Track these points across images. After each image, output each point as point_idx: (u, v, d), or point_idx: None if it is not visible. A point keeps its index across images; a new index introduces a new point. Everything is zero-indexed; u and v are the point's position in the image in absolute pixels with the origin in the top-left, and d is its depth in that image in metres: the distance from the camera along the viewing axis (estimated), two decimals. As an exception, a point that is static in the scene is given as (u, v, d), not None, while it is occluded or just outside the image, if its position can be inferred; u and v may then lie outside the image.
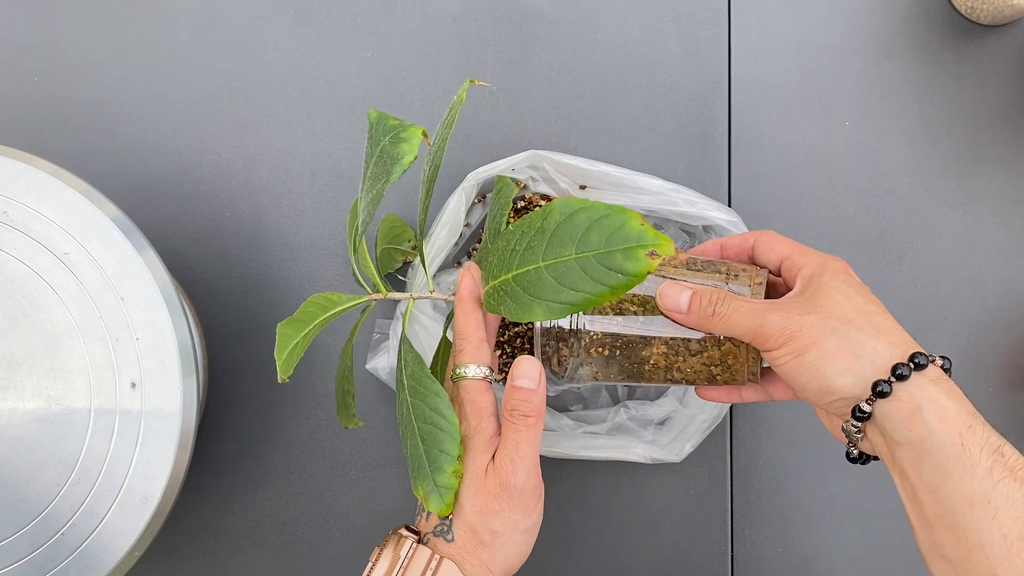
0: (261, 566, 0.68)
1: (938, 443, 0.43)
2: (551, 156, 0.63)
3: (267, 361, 0.69)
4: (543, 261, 0.47)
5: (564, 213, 0.47)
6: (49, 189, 0.55)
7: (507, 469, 0.48)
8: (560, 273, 0.47)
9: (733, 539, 0.68)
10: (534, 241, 0.48)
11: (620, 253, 0.45)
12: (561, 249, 0.47)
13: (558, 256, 0.47)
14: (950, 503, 0.42)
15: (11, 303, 0.54)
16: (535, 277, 0.47)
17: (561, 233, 0.47)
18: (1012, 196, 0.68)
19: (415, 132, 0.50)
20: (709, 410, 0.63)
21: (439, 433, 0.49)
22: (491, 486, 0.49)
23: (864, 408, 0.45)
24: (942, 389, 0.44)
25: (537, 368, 0.50)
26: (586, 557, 0.68)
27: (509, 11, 0.70)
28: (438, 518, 0.50)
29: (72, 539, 0.54)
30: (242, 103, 0.70)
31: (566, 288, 0.46)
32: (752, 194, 0.69)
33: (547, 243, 0.47)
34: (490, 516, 0.49)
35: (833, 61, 0.69)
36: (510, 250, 0.49)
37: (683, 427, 0.64)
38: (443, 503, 0.49)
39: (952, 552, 0.43)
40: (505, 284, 0.49)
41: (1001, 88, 0.69)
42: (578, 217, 0.46)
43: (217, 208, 0.69)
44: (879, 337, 0.46)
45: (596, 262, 0.46)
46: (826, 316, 0.46)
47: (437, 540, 0.49)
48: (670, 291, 0.50)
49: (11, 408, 0.54)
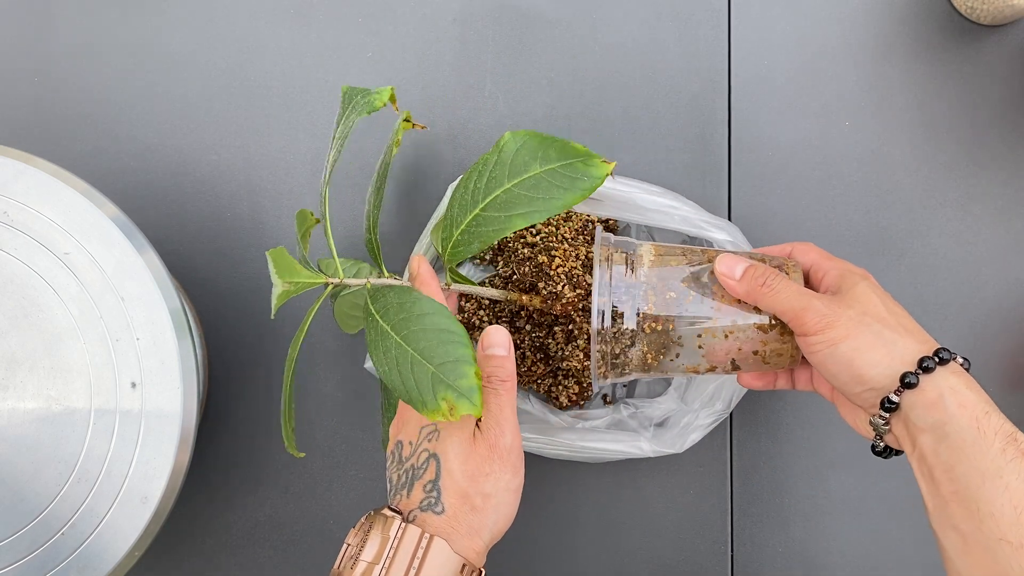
0: (261, 566, 0.68)
1: (956, 426, 0.46)
2: None
3: (267, 361, 0.69)
4: (509, 182, 0.53)
5: (517, 142, 0.54)
6: (49, 189, 0.55)
7: (495, 431, 0.51)
8: (530, 186, 0.53)
9: (733, 539, 0.68)
10: (495, 171, 0.54)
11: (580, 163, 0.53)
12: (525, 169, 0.53)
13: (523, 175, 0.53)
14: (964, 479, 0.45)
15: (11, 303, 0.55)
16: (506, 198, 0.53)
17: (520, 158, 0.53)
18: (1012, 196, 0.68)
19: (387, 89, 0.56)
20: (712, 407, 0.63)
21: (447, 345, 0.49)
22: (481, 449, 0.50)
23: (893, 399, 0.48)
24: (962, 380, 0.48)
25: (506, 335, 0.53)
26: (586, 557, 0.68)
27: (509, 11, 0.70)
28: (423, 492, 0.50)
29: (72, 539, 0.54)
30: (242, 103, 0.70)
31: (539, 197, 0.53)
32: (752, 194, 0.69)
33: (509, 168, 0.53)
34: (481, 479, 0.50)
35: (833, 61, 0.69)
36: (470, 191, 0.54)
37: (685, 424, 0.64)
38: (475, 404, 0.48)
39: (963, 523, 0.45)
40: (476, 219, 0.54)
41: (1001, 88, 0.69)
42: (532, 142, 0.54)
43: (217, 208, 0.69)
44: (908, 336, 0.50)
45: (562, 172, 0.53)
46: (862, 312, 0.50)
47: (425, 514, 0.49)
48: (728, 259, 0.54)
49: (11, 408, 0.54)
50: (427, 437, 0.52)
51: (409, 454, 0.52)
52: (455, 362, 0.49)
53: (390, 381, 0.51)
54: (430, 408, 0.49)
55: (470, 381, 0.49)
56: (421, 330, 0.50)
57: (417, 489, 0.50)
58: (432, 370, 0.49)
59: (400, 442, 0.53)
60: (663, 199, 0.63)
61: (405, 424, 0.53)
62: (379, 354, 0.52)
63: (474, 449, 0.51)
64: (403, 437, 0.53)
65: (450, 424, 0.51)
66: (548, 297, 0.60)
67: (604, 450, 0.63)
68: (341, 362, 0.69)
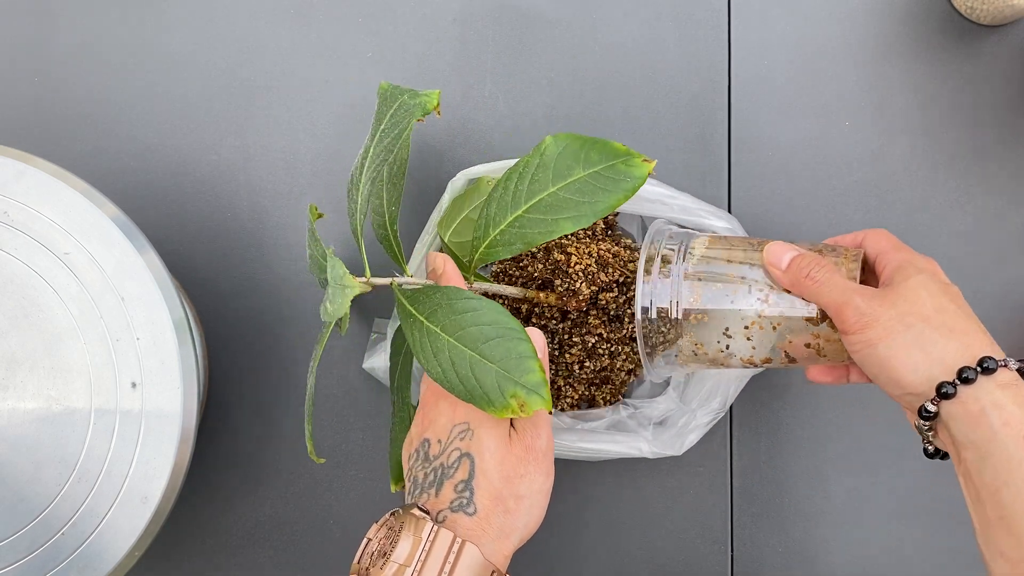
0: (261, 566, 0.68)
1: (1000, 446, 0.43)
2: None
3: (267, 361, 0.69)
4: (554, 186, 0.53)
5: (559, 145, 0.54)
6: (49, 189, 0.55)
7: (531, 433, 0.50)
8: (575, 190, 0.53)
9: (733, 539, 0.68)
10: (538, 174, 0.54)
11: (621, 163, 0.53)
12: (568, 172, 0.53)
13: (568, 178, 0.53)
14: (1010, 506, 0.43)
15: (11, 303, 0.55)
16: (551, 201, 0.53)
17: (563, 161, 0.53)
18: (1012, 196, 0.68)
19: (435, 93, 0.56)
20: (709, 405, 0.63)
21: (507, 341, 0.49)
22: (517, 450, 0.50)
23: (929, 408, 0.46)
24: (1009, 393, 0.44)
25: (542, 338, 0.52)
26: (586, 556, 0.68)
27: (509, 11, 0.70)
28: (453, 492, 0.49)
29: (72, 539, 0.54)
30: (242, 103, 0.70)
31: (585, 201, 0.53)
32: (752, 194, 0.69)
33: (553, 172, 0.53)
34: (516, 480, 0.49)
35: (833, 61, 0.69)
36: (511, 192, 0.54)
37: (684, 423, 0.64)
38: (545, 399, 0.48)
39: (1012, 552, 0.43)
40: (518, 220, 0.54)
41: (1001, 88, 0.68)
42: (573, 144, 0.54)
43: (217, 208, 0.69)
44: (952, 338, 0.46)
45: (605, 174, 0.53)
46: (904, 312, 0.47)
47: (456, 515, 0.48)
48: (776, 248, 0.53)
49: (11, 408, 0.54)
50: (459, 436, 0.50)
51: (438, 452, 0.51)
52: (519, 358, 0.49)
53: (445, 382, 0.50)
54: (498, 406, 0.48)
55: (537, 376, 0.48)
56: (476, 328, 0.49)
57: (447, 489, 0.49)
58: (496, 368, 0.49)
59: (427, 440, 0.52)
60: (660, 189, 0.63)
61: (433, 422, 0.52)
62: (427, 356, 0.51)
63: (510, 450, 0.50)
64: (430, 435, 0.52)
65: (485, 424, 0.50)
66: (564, 294, 0.61)
67: (603, 451, 0.63)
68: (340, 362, 0.69)
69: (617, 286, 0.63)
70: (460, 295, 0.51)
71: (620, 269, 0.63)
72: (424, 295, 0.52)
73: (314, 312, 0.69)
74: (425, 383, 0.55)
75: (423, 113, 0.54)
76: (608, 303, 0.63)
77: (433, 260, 0.55)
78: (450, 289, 0.51)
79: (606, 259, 0.62)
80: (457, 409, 0.51)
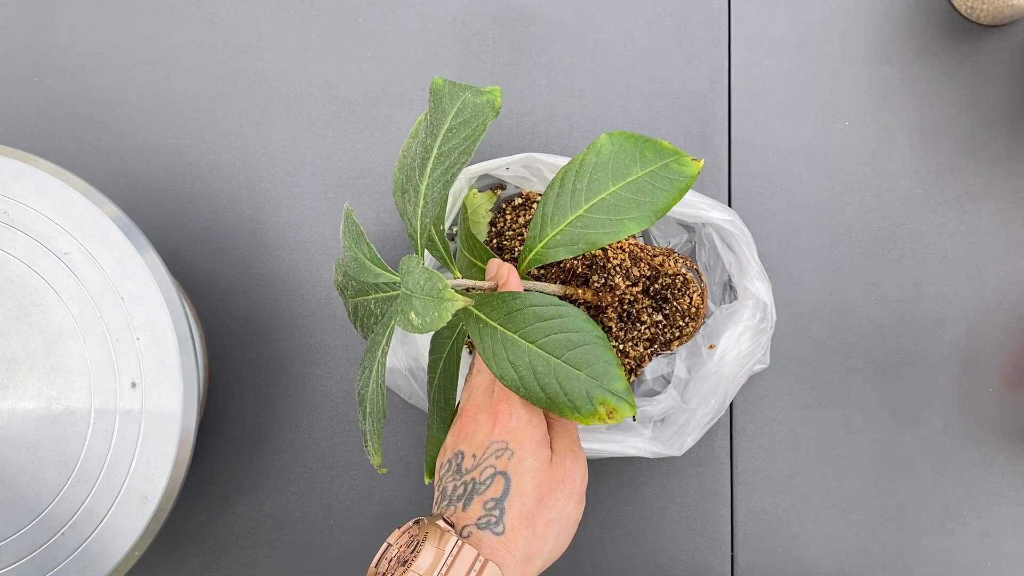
0: (261, 566, 0.68)
1: None
2: (545, 158, 0.63)
3: (267, 361, 0.69)
4: (614, 186, 0.52)
5: (614, 144, 0.53)
6: (49, 189, 0.55)
7: (570, 458, 0.50)
8: (636, 190, 0.52)
9: (733, 539, 0.68)
10: (596, 173, 0.53)
11: (674, 162, 0.52)
12: (627, 171, 0.52)
13: (626, 178, 0.52)
14: None
15: (11, 303, 0.54)
16: (613, 201, 0.52)
17: (620, 160, 0.52)
18: (1012, 196, 0.68)
19: (495, 88, 0.54)
20: (708, 403, 0.63)
21: (595, 348, 0.49)
22: (557, 474, 0.50)
23: None
24: None
25: None
26: (586, 556, 0.68)
27: (509, 11, 0.70)
28: (482, 509, 0.48)
29: (72, 539, 0.54)
30: (242, 103, 0.70)
31: (646, 201, 0.52)
32: (752, 194, 0.69)
33: (611, 171, 0.52)
34: (550, 504, 0.49)
35: (833, 61, 0.69)
36: (568, 191, 0.53)
37: (684, 422, 0.64)
38: (632, 405, 0.48)
39: None
40: (580, 220, 0.53)
41: (1001, 88, 0.69)
42: (627, 143, 0.53)
43: (217, 208, 0.69)
44: None
45: (660, 173, 0.52)
46: None
47: (482, 532, 0.47)
48: None
49: (11, 408, 0.54)
50: (495, 454, 0.50)
51: (471, 466, 0.50)
52: (606, 364, 0.49)
53: (522, 388, 0.50)
54: (584, 413, 0.48)
55: (623, 383, 0.48)
56: (563, 336, 0.49)
57: (476, 504, 0.48)
58: (583, 376, 0.48)
59: (462, 452, 0.51)
60: None
61: (470, 436, 0.51)
62: (501, 362, 0.50)
63: (551, 474, 0.49)
64: (465, 448, 0.51)
65: (528, 445, 0.49)
66: (600, 290, 0.62)
67: (602, 451, 0.63)
68: (341, 362, 0.69)
69: (646, 280, 0.64)
70: (545, 301, 0.50)
71: (648, 262, 0.63)
72: (499, 301, 0.51)
73: (314, 312, 0.69)
74: (467, 392, 0.54)
75: (494, 112, 0.53)
76: (635, 298, 0.63)
77: (497, 270, 0.55)
78: (533, 295, 0.50)
79: (637, 254, 0.63)
80: (496, 426, 0.50)
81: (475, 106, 0.53)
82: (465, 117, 0.53)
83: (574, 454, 0.51)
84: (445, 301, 0.46)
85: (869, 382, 0.67)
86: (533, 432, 0.50)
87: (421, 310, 0.47)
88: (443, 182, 0.52)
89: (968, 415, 0.67)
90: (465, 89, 0.54)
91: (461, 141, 0.52)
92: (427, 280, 0.47)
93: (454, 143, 0.52)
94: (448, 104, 0.54)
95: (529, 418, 0.50)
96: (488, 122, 0.52)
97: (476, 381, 0.53)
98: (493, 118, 0.52)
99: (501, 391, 0.51)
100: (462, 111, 0.53)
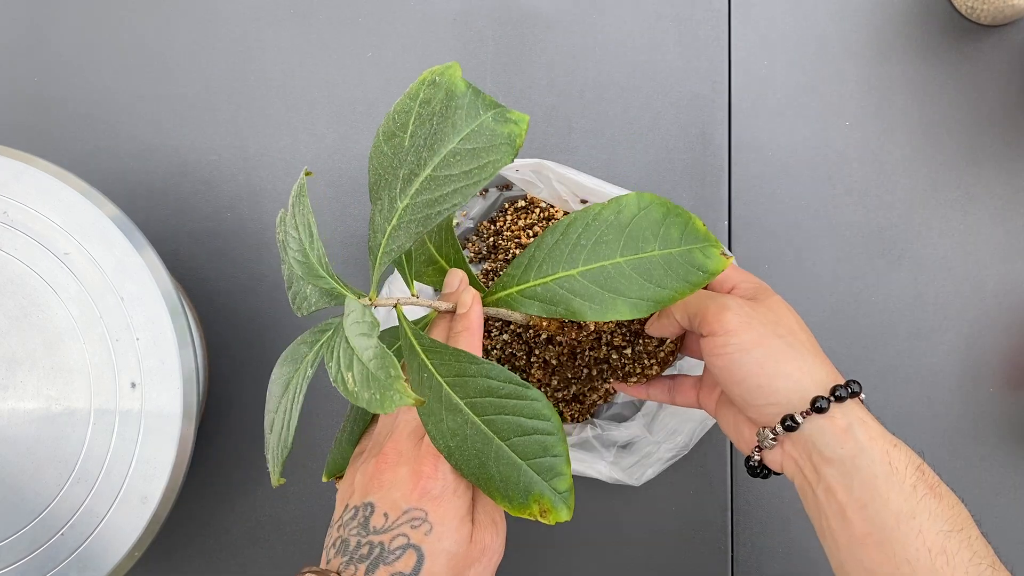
0: (261, 566, 0.68)
1: (868, 460, 0.44)
2: (556, 168, 0.62)
3: (267, 361, 0.69)
4: (622, 256, 0.45)
5: (641, 205, 0.46)
6: (49, 189, 0.55)
7: (491, 532, 0.45)
8: (645, 269, 0.45)
9: (733, 539, 0.68)
10: (607, 235, 0.46)
11: (698, 251, 0.45)
12: (643, 244, 0.45)
13: (640, 251, 0.45)
14: (878, 519, 0.43)
15: (11, 303, 0.55)
16: (615, 272, 0.45)
17: (639, 228, 0.45)
18: (1012, 196, 0.68)
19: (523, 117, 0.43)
20: (674, 440, 0.63)
21: (546, 438, 0.43)
22: (475, 552, 0.44)
23: (797, 419, 0.46)
24: (867, 412, 0.46)
25: None
26: (586, 557, 0.68)
27: (509, 11, 0.70)
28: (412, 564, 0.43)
29: (72, 539, 0.54)
30: (242, 103, 0.70)
31: (652, 284, 0.45)
32: (752, 194, 0.69)
33: (625, 238, 0.45)
34: None
35: (833, 61, 0.69)
36: (571, 243, 0.46)
37: (647, 454, 0.64)
38: (569, 507, 0.43)
39: (880, 568, 0.43)
40: (566, 280, 0.46)
41: (1001, 88, 0.69)
42: (655, 211, 0.45)
43: (217, 208, 0.69)
44: (819, 360, 0.47)
45: (679, 259, 0.45)
46: (776, 323, 0.47)
47: None
48: None
49: (11, 408, 0.54)
50: (411, 522, 0.43)
51: (381, 527, 0.43)
52: (553, 459, 0.43)
53: (452, 458, 0.44)
54: (515, 506, 0.43)
55: (567, 483, 0.43)
56: (515, 419, 0.43)
57: (381, 573, 0.42)
58: (525, 467, 0.43)
59: (372, 505, 0.44)
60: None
61: (385, 489, 0.44)
62: (441, 426, 0.44)
63: (467, 552, 0.44)
64: (377, 502, 0.44)
65: (448, 521, 0.43)
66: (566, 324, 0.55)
67: None
68: (341, 362, 0.69)
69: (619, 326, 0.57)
70: (505, 378, 0.43)
71: None
72: (453, 358, 0.44)
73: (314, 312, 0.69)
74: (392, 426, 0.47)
75: (511, 153, 0.42)
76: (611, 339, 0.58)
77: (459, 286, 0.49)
78: (493, 367, 0.43)
79: None
80: (417, 489, 0.44)
81: (492, 135, 0.43)
82: (477, 145, 0.43)
83: (496, 527, 0.45)
84: (394, 392, 0.38)
85: (869, 382, 0.67)
86: (458, 505, 0.44)
87: (360, 382, 0.39)
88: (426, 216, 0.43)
89: (968, 415, 0.67)
90: (488, 108, 0.43)
91: (462, 175, 0.42)
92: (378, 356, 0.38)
93: (453, 172, 0.43)
94: (462, 119, 0.43)
95: (455, 487, 0.44)
96: (501, 166, 0.42)
97: (404, 419, 0.46)
98: (508, 163, 0.42)
99: (431, 447, 0.45)
100: (475, 135, 0.43)
